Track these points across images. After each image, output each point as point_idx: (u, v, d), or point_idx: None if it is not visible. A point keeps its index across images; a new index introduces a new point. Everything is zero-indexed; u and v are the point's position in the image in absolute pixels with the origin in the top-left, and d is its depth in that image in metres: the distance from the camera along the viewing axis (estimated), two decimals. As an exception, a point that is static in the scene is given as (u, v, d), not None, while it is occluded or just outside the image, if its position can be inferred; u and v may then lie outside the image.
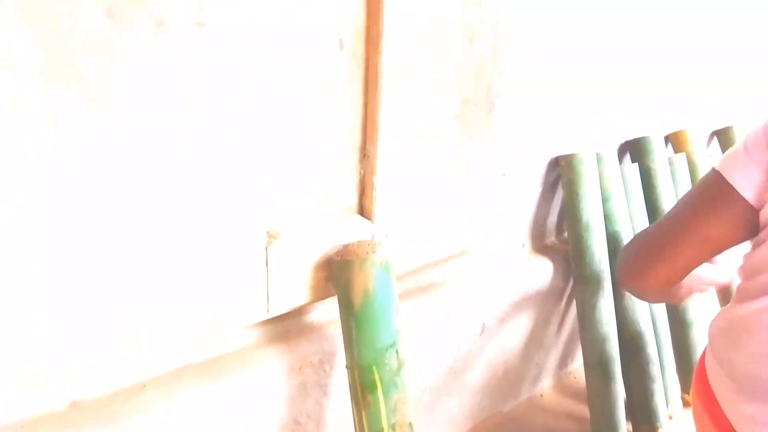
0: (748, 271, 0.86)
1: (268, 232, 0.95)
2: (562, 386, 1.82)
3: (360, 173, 1.07)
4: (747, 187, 0.79)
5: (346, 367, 1.02)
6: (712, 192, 0.84)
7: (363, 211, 1.09)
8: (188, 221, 0.85)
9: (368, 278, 0.97)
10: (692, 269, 0.87)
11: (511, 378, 1.62)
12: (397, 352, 1.00)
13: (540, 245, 1.68)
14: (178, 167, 0.81)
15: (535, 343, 1.66)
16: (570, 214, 1.55)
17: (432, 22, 1.05)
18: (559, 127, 1.55)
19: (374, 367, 0.98)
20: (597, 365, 1.51)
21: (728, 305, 0.90)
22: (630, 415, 1.57)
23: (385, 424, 0.98)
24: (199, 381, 0.99)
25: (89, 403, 0.90)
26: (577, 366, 1.90)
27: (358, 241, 1.01)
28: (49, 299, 0.76)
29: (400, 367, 1.00)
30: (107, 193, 0.76)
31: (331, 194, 1.04)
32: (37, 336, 0.76)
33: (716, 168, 0.85)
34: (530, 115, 1.45)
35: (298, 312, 1.13)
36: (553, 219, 1.69)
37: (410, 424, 1.01)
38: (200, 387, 0.98)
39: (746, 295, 0.84)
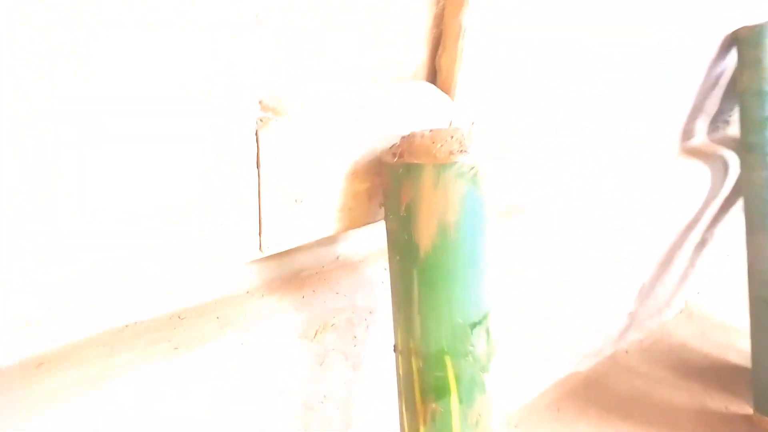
0: None
1: (260, 103, 0.49)
2: (653, 340, 1.41)
3: (438, 3, 0.58)
4: None
5: (396, 350, 0.59)
6: None
7: (436, 76, 0.61)
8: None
9: (451, 201, 0.52)
10: None
11: (593, 327, 1.21)
12: (488, 332, 0.57)
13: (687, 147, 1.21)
14: None
15: (629, 286, 1.23)
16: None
17: None
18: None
19: (448, 357, 0.55)
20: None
21: None
22: (757, 395, 1.17)
23: (458, 448, 0.57)
24: (163, 350, 0.58)
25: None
26: (671, 316, 1.48)
27: (433, 131, 0.54)
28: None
29: (489, 356, 0.58)
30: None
31: (378, 42, 0.57)
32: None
33: None
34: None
35: (316, 244, 0.69)
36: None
37: (497, 444, 0.60)
38: (165, 357, 0.57)
39: None
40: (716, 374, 1.32)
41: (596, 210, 1.00)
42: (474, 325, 0.55)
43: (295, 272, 0.69)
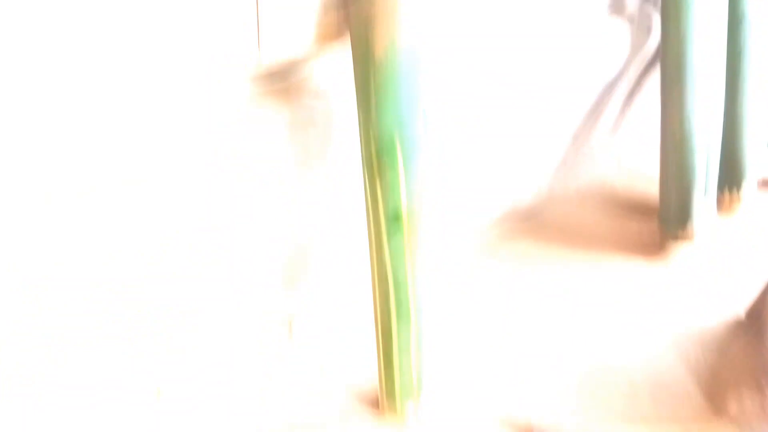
0: None
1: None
2: (587, 185, 1.69)
3: None
4: None
5: (360, 134, 0.85)
6: None
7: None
8: None
9: (395, 22, 0.76)
10: None
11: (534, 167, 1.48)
12: (425, 118, 0.83)
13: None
14: None
15: (561, 132, 1.48)
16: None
17: None
18: None
19: (396, 135, 0.81)
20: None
21: None
22: (661, 212, 1.46)
23: (404, 201, 0.85)
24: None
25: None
26: (604, 167, 1.74)
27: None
28: None
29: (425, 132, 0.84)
30: None
31: None
32: None
33: None
34: None
35: (302, 63, 0.93)
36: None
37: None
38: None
39: None
40: (637, 208, 1.61)
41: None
42: (414, 113, 0.81)
43: (288, 86, 0.93)
